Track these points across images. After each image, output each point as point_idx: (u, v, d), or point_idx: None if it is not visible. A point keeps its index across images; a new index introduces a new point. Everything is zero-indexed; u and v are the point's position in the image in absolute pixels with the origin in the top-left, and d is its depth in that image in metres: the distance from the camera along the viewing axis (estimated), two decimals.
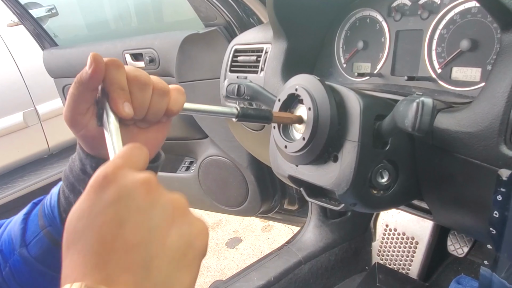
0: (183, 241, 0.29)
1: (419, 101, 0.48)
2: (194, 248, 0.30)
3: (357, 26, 0.89)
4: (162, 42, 1.47)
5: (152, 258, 0.27)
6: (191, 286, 0.29)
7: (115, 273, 0.25)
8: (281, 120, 0.64)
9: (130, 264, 0.26)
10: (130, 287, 0.25)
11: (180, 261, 0.29)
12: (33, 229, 0.54)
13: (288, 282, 1.27)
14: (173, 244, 0.29)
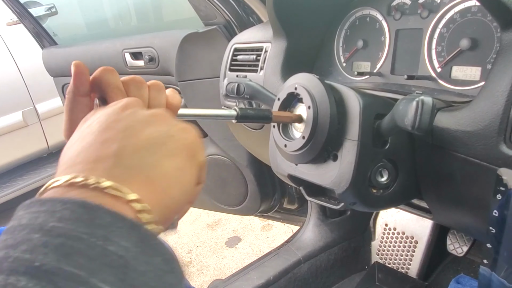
0: (161, 133, 0.33)
1: (419, 99, 0.48)
2: (176, 139, 0.33)
3: (357, 25, 0.89)
4: (161, 41, 1.47)
5: (123, 147, 0.30)
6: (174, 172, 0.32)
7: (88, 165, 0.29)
8: (280, 120, 0.64)
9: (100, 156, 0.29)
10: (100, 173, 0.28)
11: (157, 149, 0.32)
12: None
13: (288, 281, 1.27)
14: (150, 135, 0.32)
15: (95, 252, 0.24)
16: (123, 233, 0.26)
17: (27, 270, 0.23)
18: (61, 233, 0.24)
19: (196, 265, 2.23)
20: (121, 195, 0.28)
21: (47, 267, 0.23)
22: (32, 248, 0.23)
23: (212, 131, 1.52)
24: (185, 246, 2.39)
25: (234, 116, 0.57)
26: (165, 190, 0.31)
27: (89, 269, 0.24)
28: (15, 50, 2.87)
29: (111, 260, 0.25)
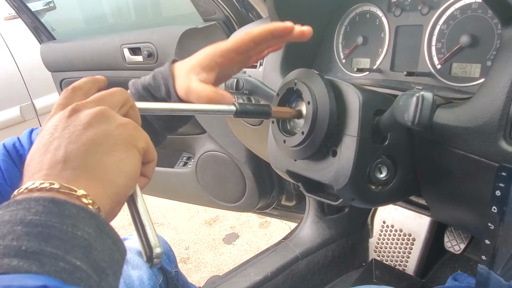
0: (99, 134, 0.38)
1: (419, 95, 0.48)
2: (113, 136, 0.39)
3: (357, 21, 0.89)
4: (160, 37, 1.46)
5: (69, 153, 0.36)
6: (115, 165, 0.38)
7: (43, 171, 0.35)
8: (280, 115, 0.63)
9: (52, 163, 0.36)
10: (53, 178, 0.35)
11: (97, 149, 0.37)
12: None
13: (285, 278, 1.27)
14: (88, 138, 0.37)
15: (67, 236, 0.31)
16: (86, 221, 0.33)
17: (16, 253, 0.29)
18: (38, 223, 0.31)
19: (193, 261, 2.23)
20: (72, 192, 0.34)
21: (32, 249, 0.29)
22: (17, 237, 0.30)
23: (211, 127, 1.52)
24: (182, 243, 2.39)
25: (233, 112, 0.57)
26: (110, 181, 0.37)
27: (64, 249, 0.31)
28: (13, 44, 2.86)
29: (79, 242, 0.32)
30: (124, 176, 0.39)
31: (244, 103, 0.58)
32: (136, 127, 0.42)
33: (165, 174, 1.71)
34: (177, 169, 1.71)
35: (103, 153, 0.38)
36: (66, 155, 0.36)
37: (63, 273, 0.30)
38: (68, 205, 0.33)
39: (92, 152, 0.37)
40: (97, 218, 0.34)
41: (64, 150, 0.36)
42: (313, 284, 1.33)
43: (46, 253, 0.30)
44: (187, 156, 1.73)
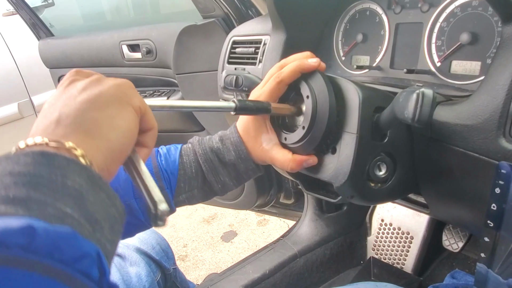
0: (92, 94, 0.39)
1: (419, 92, 0.48)
2: (105, 94, 0.40)
3: (357, 18, 0.88)
4: (159, 33, 1.46)
5: (62, 113, 0.38)
6: (108, 120, 0.39)
7: (39, 133, 0.37)
8: (279, 112, 0.63)
9: (47, 125, 0.38)
10: (47, 136, 0.36)
11: (89, 106, 0.38)
12: None
13: (283, 275, 1.27)
14: (83, 98, 0.39)
15: (56, 185, 0.31)
16: (76, 172, 0.33)
17: (4, 201, 0.29)
18: (26, 174, 0.31)
19: (191, 259, 2.23)
20: (61, 145, 0.35)
21: (19, 196, 0.29)
22: (6, 187, 0.29)
23: (209, 125, 1.52)
24: (180, 240, 2.39)
25: (232, 108, 0.56)
26: (101, 136, 0.38)
27: (53, 197, 0.30)
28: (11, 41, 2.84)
29: (69, 191, 0.32)
30: (117, 131, 0.39)
31: (244, 100, 0.58)
32: (132, 87, 0.43)
33: None
34: None
35: (95, 110, 0.39)
36: (59, 116, 0.38)
37: (52, 218, 0.29)
38: (57, 157, 0.33)
39: (83, 110, 0.38)
40: (88, 170, 0.34)
41: (58, 112, 0.38)
42: (311, 281, 1.33)
43: (34, 200, 0.29)
44: None
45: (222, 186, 0.67)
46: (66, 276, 0.28)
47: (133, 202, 0.62)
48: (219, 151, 0.66)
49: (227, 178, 0.67)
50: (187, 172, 0.65)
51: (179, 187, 0.65)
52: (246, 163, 0.66)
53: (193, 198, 0.67)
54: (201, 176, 0.66)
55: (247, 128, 0.66)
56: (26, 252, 0.26)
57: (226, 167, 0.66)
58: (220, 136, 0.68)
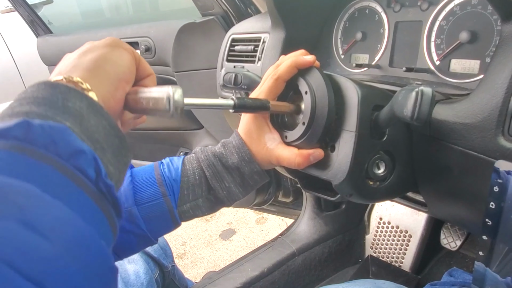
0: (83, 48, 0.44)
1: (418, 90, 0.48)
2: (96, 44, 0.45)
3: (356, 17, 0.88)
4: (158, 31, 1.46)
5: (73, 62, 0.42)
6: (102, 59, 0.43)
7: (55, 76, 0.40)
8: (278, 109, 0.63)
9: (61, 70, 0.42)
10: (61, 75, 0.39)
11: (85, 52, 0.43)
12: (151, 193, 0.62)
13: (282, 274, 1.27)
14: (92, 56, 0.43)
15: (57, 104, 0.33)
16: (78, 98, 0.35)
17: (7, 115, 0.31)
18: (30, 97, 0.33)
19: (190, 257, 2.23)
20: (70, 78, 0.38)
21: (22, 110, 0.31)
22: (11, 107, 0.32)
23: (208, 123, 1.52)
24: (179, 238, 2.39)
25: (231, 106, 0.56)
26: (100, 71, 0.42)
27: (54, 113, 0.32)
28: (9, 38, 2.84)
29: (70, 110, 0.33)
30: (113, 65, 0.43)
31: (243, 98, 0.58)
32: (121, 41, 0.47)
33: None
34: None
35: (90, 52, 0.43)
36: (72, 63, 0.42)
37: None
38: (60, 85, 0.35)
39: (79, 56, 0.43)
40: (89, 98, 0.36)
41: (72, 62, 0.42)
42: (309, 280, 1.33)
43: (34, 112, 0.31)
44: (184, 151, 1.72)
45: (228, 193, 0.65)
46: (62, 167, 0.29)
47: (134, 209, 0.61)
48: (221, 155, 0.65)
49: (232, 185, 0.65)
50: (190, 179, 0.64)
51: (183, 194, 0.64)
52: (250, 165, 0.64)
53: (198, 208, 0.65)
54: (205, 183, 0.65)
55: (248, 131, 0.65)
56: (23, 142, 0.28)
57: (230, 171, 0.64)
58: (223, 142, 0.67)
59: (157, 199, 0.61)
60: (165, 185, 0.62)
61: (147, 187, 0.62)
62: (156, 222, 0.62)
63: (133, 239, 0.62)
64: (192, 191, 0.64)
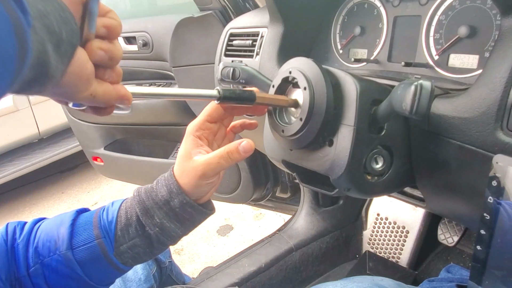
0: None
1: (417, 84, 0.48)
2: None
3: (355, 11, 0.88)
4: (156, 26, 1.45)
5: None
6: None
7: None
8: (276, 103, 0.63)
9: None
10: None
11: None
12: (85, 236, 0.61)
13: (279, 269, 1.27)
14: None
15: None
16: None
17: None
18: None
19: (187, 252, 2.24)
20: None
21: None
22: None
23: None
24: None
25: (216, 97, 0.54)
26: None
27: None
28: None
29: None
30: None
31: (228, 89, 0.56)
32: None
33: (159, 165, 1.71)
34: (171, 160, 1.70)
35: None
36: None
37: None
38: None
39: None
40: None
41: None
42: (306, 275, 1.33)
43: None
44: None
45: (161, 230, 0.60)
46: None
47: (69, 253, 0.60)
48: (152, 190, 0.61)
49: (165, 220, 0.60)
50: (122, 219, 0.61)
51: (117, 236, 0.61)
52: (179, 197, 0.59)
53: (136, 248, 0.61)
54: (137, 221, 0.60)
55: (179, 156, 0.61)
56: None
57: (161, 206, 0.60)
58: (159, 177, 0.64)
59: (90, 242, 0.60)
60: (100, 227, 0.61)
61: (83, 231, 0.61)
62: (92, 266, 0.61)
63: (72, 284, 0.61)
64: (126, 231, 0.61)
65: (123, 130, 1.85)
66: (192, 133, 0.61)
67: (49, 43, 0.33)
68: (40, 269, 0.60)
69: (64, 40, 0.34)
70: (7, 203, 3.15)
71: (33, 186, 3.34)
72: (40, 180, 3.40)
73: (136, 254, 0.62)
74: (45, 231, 0.63)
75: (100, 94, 0.42)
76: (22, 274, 0.60)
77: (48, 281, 0.60)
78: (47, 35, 0.32)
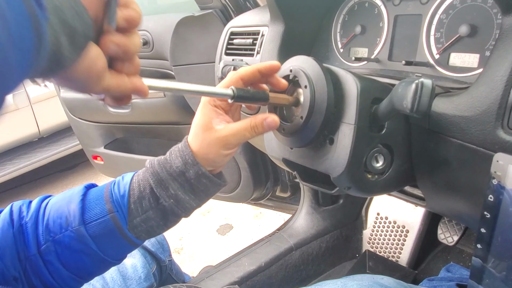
0: None
1: (418, 82, 0.48)
2: None
3: (355, 10, 0.88)
4: (156, 24, 1.45)
5: None
6: None
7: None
8: (277, 102, 0.63)
9: None
10: None
11: None
12: (97, 211, 0.60)
13: (279, 268, 1.27)
14: None
15: None
16: None
17: None
18: None
19: (187, 251, 2.24)
20: None
21: None
22: None
23: None
24: (176, 233, 2.39)
25: (230, 96, 0.55)
26: None
27: None
28: None
29: None
30: None
31: (241, 88, 0.57)
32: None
33: None
34: None
35: None
36: None
37: None
38: None
39: None
40: None
41: None
42: (306, 274, 1.33)
43: None
44: None
45: (176, 202, 0.60)
46: None
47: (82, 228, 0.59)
48: (166, 161, 0.60)
49: (180, 192, 0.59)
50: (135, 192, 0.60)
51: (130, 209, 0.60)
52: (194, 168, 0.58)
53: (149, 221, 0.61)
54: (151, 193, 0.60)
55: (196, 126, 0.60)
56: None
57: (176, 177, 0.59)
58: (172, 148, 0.63)
59: (103, 216, 0.59)
60: (112, 201, 0.60)
61: (95, 206, 0.60)
62: (106, 240, 0.60)
63: (86, 260, 0.60)
64: (139, 204, 0.60)
65: (123, 129, 1.85)
66: (209, 102, 0.60)
67: (64, 35, 0.34)
68: (52, 246, 0.59)
69: (78, 32, 0.35)
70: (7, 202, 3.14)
71: (33, 185, 3.34)
72: (40, 179, 3.40)
73: (149, 228, 0.61)
74: (54, 208, 0.61)
75: (114, 87, 0.42)
76: (32, 253, 0.59)
77: (60, 258, 0.59)
78: (62, 28, 0.33)
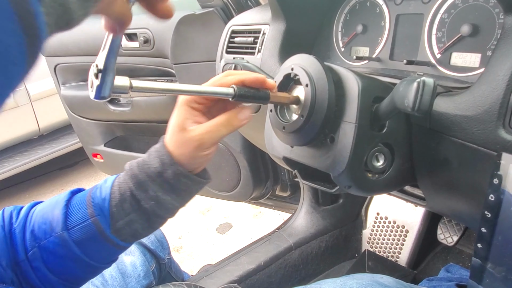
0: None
1: (420, 80, 0.48)
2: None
3: (357, 9, 0.88)
4: (157, 23, 1.44)
5: None
6: None
7: None
8: (278, 100, 0.62)
9: None
10: None
11: None
12: (79, 216, 0.60)
13: (278, 267, 1.27)
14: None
15: None
16: None
17: None
18: None
19: (186, 250, 2.24)
20: None
21: None
22: None
23: None
24: (176, 232, 2.39)
25: (231, 95, 0.55)
26: None
27: None
28: None
29: None
30: None
31: (242, 87, 0.57)
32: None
33: None
34: None
35: None
36: None
37: None
38: None
39: None
40: None
41: None
42: (306, 273, 1.33)
43: None
44: None
45: (158, 203, 0.59)
46: None
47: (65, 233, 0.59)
48: (144, 163, 0.59)
49: (160, 193, 0.58)
50: (116, 195, 0.59)
51: (112, 212, 0.59)
52: (172, 167, 0.57)
53: (133, 223, 0.60)
54: (131, 196, 0.59)
55: (171, 126, 0.59)
56: None
57: (155, 179, 0.58)
58: (150, 149, 0.62)
59: (85, 221, 0.59)
60: (94, 205, 0.60)
61: (77, 211, 0.60)
62: (89, 245, 0.60)
63: (71, 265, 0.60)
64: (121, 207, 0.59)
65: (123, 127, 1.85)
66: (186, 103, 0.58)
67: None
68: (38, 252, 0.59)
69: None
70: (7, 200, 3.15)
71: (32, 183, 3.34)
72: (40, 177, 3.40)
73: (134, 230, 0.61)
74: (40, 214, 0.62)
75: None
76: (21, 258, 0.60)
77: (47, 264, 0.60)
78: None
